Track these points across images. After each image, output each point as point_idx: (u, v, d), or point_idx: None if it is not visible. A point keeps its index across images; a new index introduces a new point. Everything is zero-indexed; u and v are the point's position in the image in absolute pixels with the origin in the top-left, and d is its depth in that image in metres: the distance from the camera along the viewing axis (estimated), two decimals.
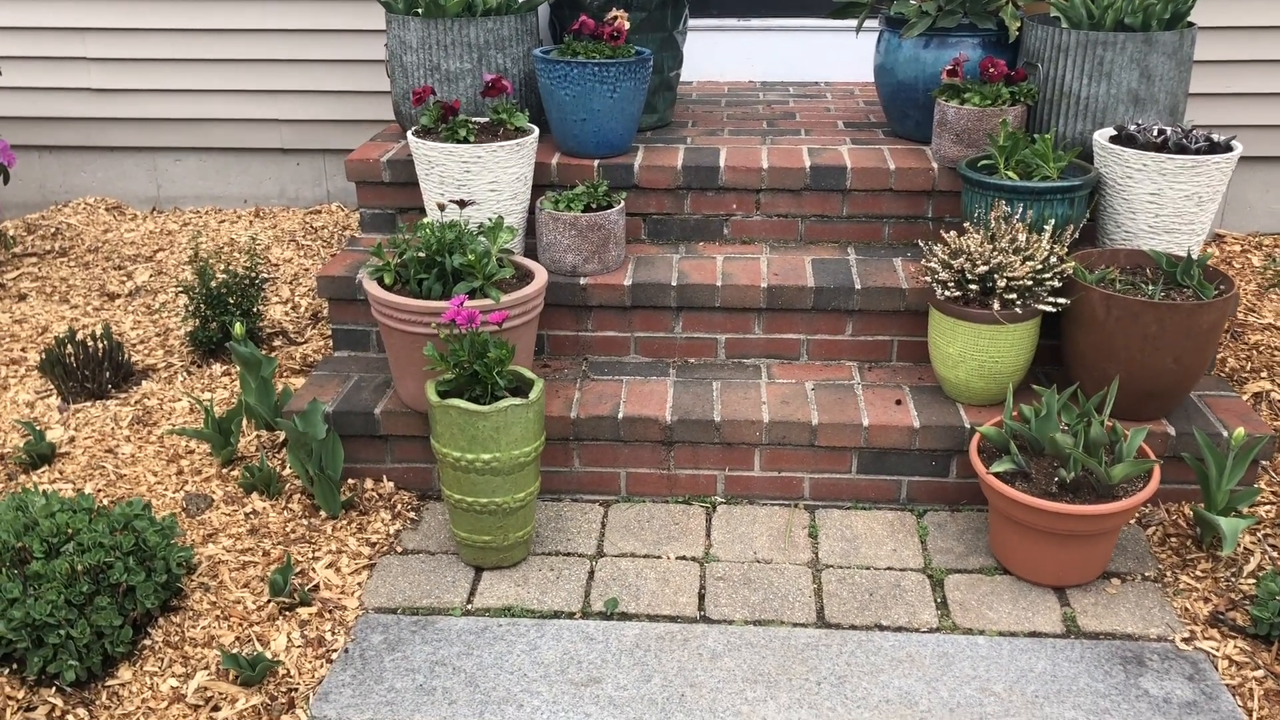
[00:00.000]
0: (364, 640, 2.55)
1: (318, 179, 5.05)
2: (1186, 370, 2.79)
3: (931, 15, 3.52)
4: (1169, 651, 2.47)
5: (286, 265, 4.40)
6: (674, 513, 3.01)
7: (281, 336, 3.83)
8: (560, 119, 3.50)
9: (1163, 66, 3.18)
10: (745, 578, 2.74)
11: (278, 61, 4.80)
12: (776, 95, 4.57)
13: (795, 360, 3.29)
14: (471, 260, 2.82)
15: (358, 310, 3.33)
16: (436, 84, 3.56)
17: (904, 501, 3.03)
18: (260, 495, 3.01)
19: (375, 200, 3.62)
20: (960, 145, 3.36)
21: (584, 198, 3.27)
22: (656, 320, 3.27)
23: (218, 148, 5.01)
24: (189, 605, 2.60)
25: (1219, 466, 2.67)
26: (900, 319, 3.21)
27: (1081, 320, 2.85)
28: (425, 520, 2.98)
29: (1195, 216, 3.03)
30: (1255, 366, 3.52)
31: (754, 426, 2.97)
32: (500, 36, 3.56)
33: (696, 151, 3.59)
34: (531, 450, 2.66)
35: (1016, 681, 2.40)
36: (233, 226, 4.85)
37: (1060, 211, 3.02)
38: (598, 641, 2.53)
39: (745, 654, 2.49)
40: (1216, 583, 2.66)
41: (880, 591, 2.69)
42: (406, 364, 2.92)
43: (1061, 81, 3.28)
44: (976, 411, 2.98)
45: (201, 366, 3.68)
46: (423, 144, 3.17)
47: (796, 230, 3.53)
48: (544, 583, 2.73)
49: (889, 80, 3.69)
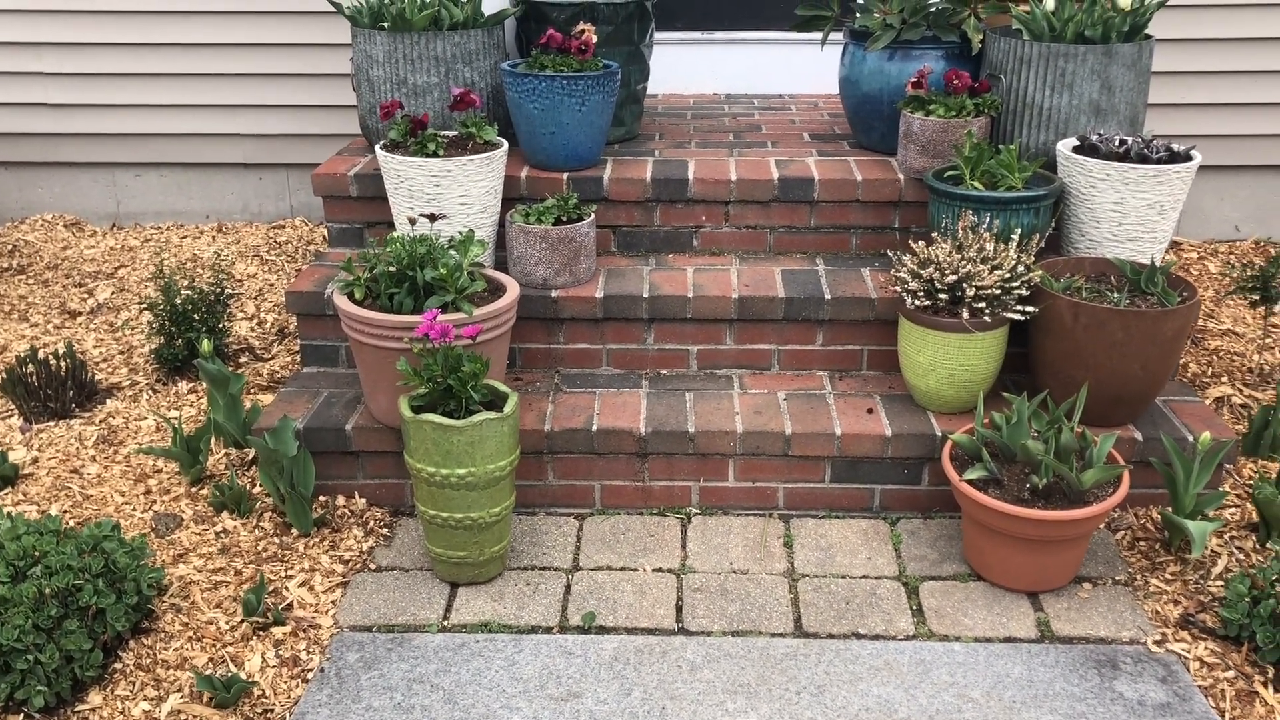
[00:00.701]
0: (340, 659, 2.52)
1: (281, 194, 5.01)
2: (1153, 376, 2.84)
3: (896, 28, 3.56)
4: (1142, 654, 2.51)
5: (251, 281, 4.36)
6: (649, 525, 3.01)
7: (248, 353, 3.79)
8: (529, 132, 3.50)
9: (1123, 78, 3.23)
10: (722, 589, 2.74)
11: (239, 76, 4.76)
12: (742, 108, 4.60)
13: (767, 370, 3.30)
14: (443, 274, 2.81)
15: (327, 325, 3.30)
16: (404, 98, 3.55)
17: (877, 510, 3.05)
18: (231, 514, 2.97)
19: (343, 215, 3.59)
20: (926, 156, 3.39)
21: (554, 210, 3.27)
22: (628, 332, 3.28)
23: (179, 163, 4.95)
24: (161, 627, 2.56)
25: (1186, 471, 2.72)
26: (870, 328, 3.24)
27: (1049, 328, 2.88)
28: (399, 536, 2.96)
29: (1157, 225, 3.08)
30: (1216, 371, 3.59)
31: (728, 437, 2.98)
32: (467, 50, 3.55)
33: (665, 164, 3.60)
34: (507, 464, 2.65)
35: (994, 687, 2.42)
36: (195, 242, 4.80)
37: (1026, 221, 3.06)
38: (576, 656, 2.52)
39: (724, 665, 2.49)
40: (1186, 585, 2.70)
41: (856, 600, 2.70)
42: (378, 379, 2.89)
43: (1024, 93, 3.32)
44: (947, 419, 3.01)
45: (167, 384, 3.63)
46: (392, 158, 3.15)
47: (765, 241, 3.55)
48: (520, 597, 2.72)
49: (854, 92, 3.73)
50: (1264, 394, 3.44)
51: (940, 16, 3.56)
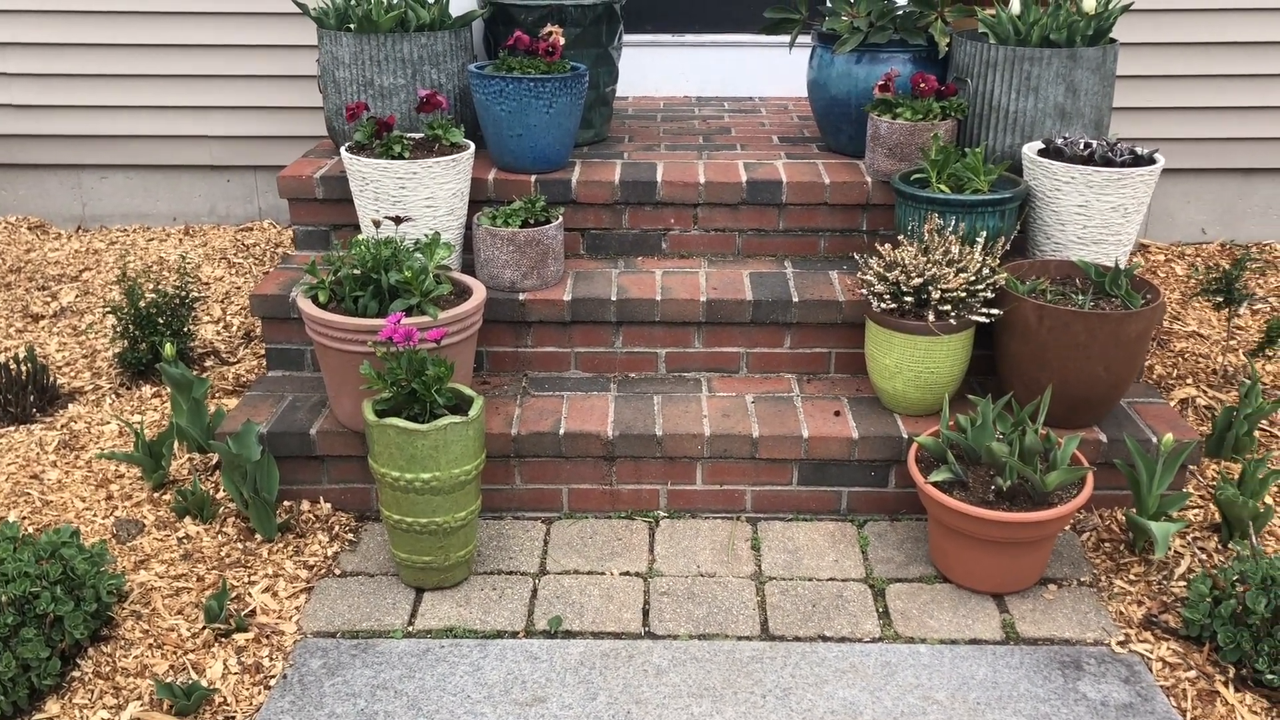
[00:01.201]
0: (303, 665, 2.50)
1: (249, 195, 4.97)
2: (1117, 378, 2.85)
3: (863, 31, 3.57)
4: (1105, 655, 2.52)
5: (218, 284, 4.32)
6: (617, 528, 3.00)
7: (214, 356, 3.76)
8: (496, 134, 3.49)
9: (1087, 81, 3.25)
10: (689, 592, 2.74)
11: (207, 77, 4.72)
12: (712, 110, 4.60)
13: (735, 373, 3.30)
14: (408, 277, 2.79)
15: (292, 329, 3.28)
16: (370, 100, 3.53)
17: (844, 512, 3.05)
18: (194, 519, 2.94)
19: (308, 217, 3.57)
20: (893, 159, 3.40)
21: (521, 213, 3.26)
22: (596, 335, 3.27)
23: (145, 165, 4.90)
24: (120, 634, 2.53)
25: (1149, 472, 2.73)
26: (837, 331, 3.24)
27: (1014, 330, 2.90)
28: (364, 541, 2.94)
29: (1121, 227, 3.10)
30: (1181, 373, 3.61)
31: (695, 440, 2.97)
32: (434, 52, 3.53)
33: (634, 166, 3.60)
34: (472, 468, 2.63)
35: (958, 689, 2.42)
36: (162, 245, 4.75)
37: (991, 224, 3.07)
38: (542, 660, 2.51)
39: (691, 669, 2.48)
40: (1149, 586, 2.71)
41: (823, 602, 2.70)
42: (342, 383, 2.87)
43: (990, 96, 3.34)
44: (914, 421, 3.01)
45: (131, 388, 3.59)
46: (357, 160, 3.13)
47: (734, 244, 3.55)
48: (487, 602, 2.70)
49: (822, 95, 3.73)
50: (1228, 395, 3.47)
51: (907, 20, 3.57)
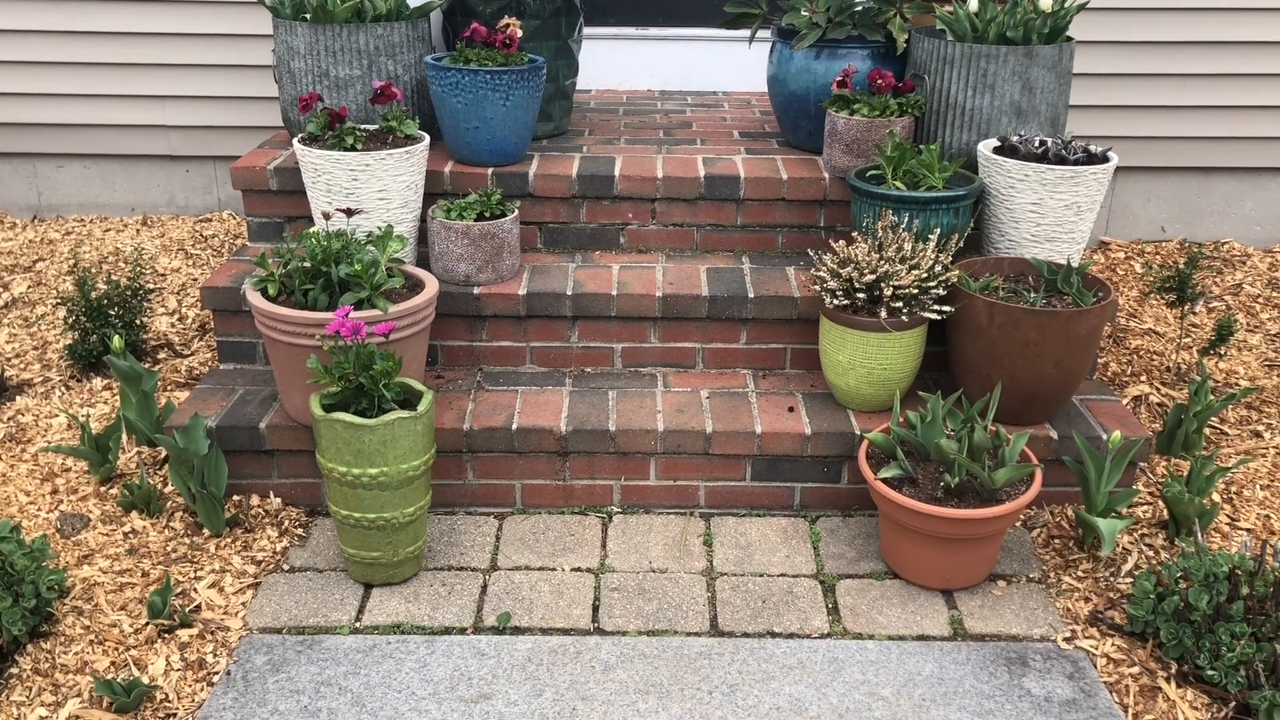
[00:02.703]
0: (247, 662, 2.47)
1: (208, 186, 4.92)
2: (1067, 375, 2.87)
3: (821, 27, 3.57)
4: (1051, 651, 2.53)
5: (175, 275, 4.28)
6: (570, 524, 2.99)
7: (167, 349, 3.72)
8: (453, 127, 3.46)
9: (1043, 79, 3.26)
10: (640, 588, 2.73)
11: (165, 66, 4.66)
12: (674, 104, 4.58)
13: (691, 369, 3.29)
14: (358, 270, 2.77)
15: (244, 322, 3.24)
16: (325, 90, 3.49)
17: (797, 508, 3.05)
18: (140, 514, 2.91)
19: (263, 209, 3.53)
20: (850, 155, 3.40)
21: (477, 206, 3.24)
22: (552, 330, 3.25)
23: (102, 154, 4.84)
24: (61, 630, 2.50)
25: (1098, 469, 2.74)
26: (793, 327, 3.24)
27: (966, 327, 2.90)
28: (314, 536, 2.91)
29: (1075, 225, 3.11)
30: (1136, 370, 3.64)
31: (649, 435, 2.96)
32: (391, 43, 3.50)
33: (592, 160, 3.58)
34: (420, 464, 2.61)
35: (904, 685, 2.43)
36: (119, 235, 4.70)
37: (946, 221, 3.08)
38: (489, 657, 2.50)
39: (638, 665, 2.48)
40: (1097, 583, 2.73)
41: (773, 598, 2.70)
42: (292, 377, 2.85)
43: (947, 93, 3.34)
44: (866, 418, 3.02)
45: (81, 381, 3.54)
46: (309, 151, 3.10)
47: (692, 239, 3.54)
48: (435, 598, 2.69)
49: (782, 91, 3.73)
50: (1180, 392, 3.49)
51: (866, 16, 3.57)
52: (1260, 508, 2.98)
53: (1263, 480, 3.10)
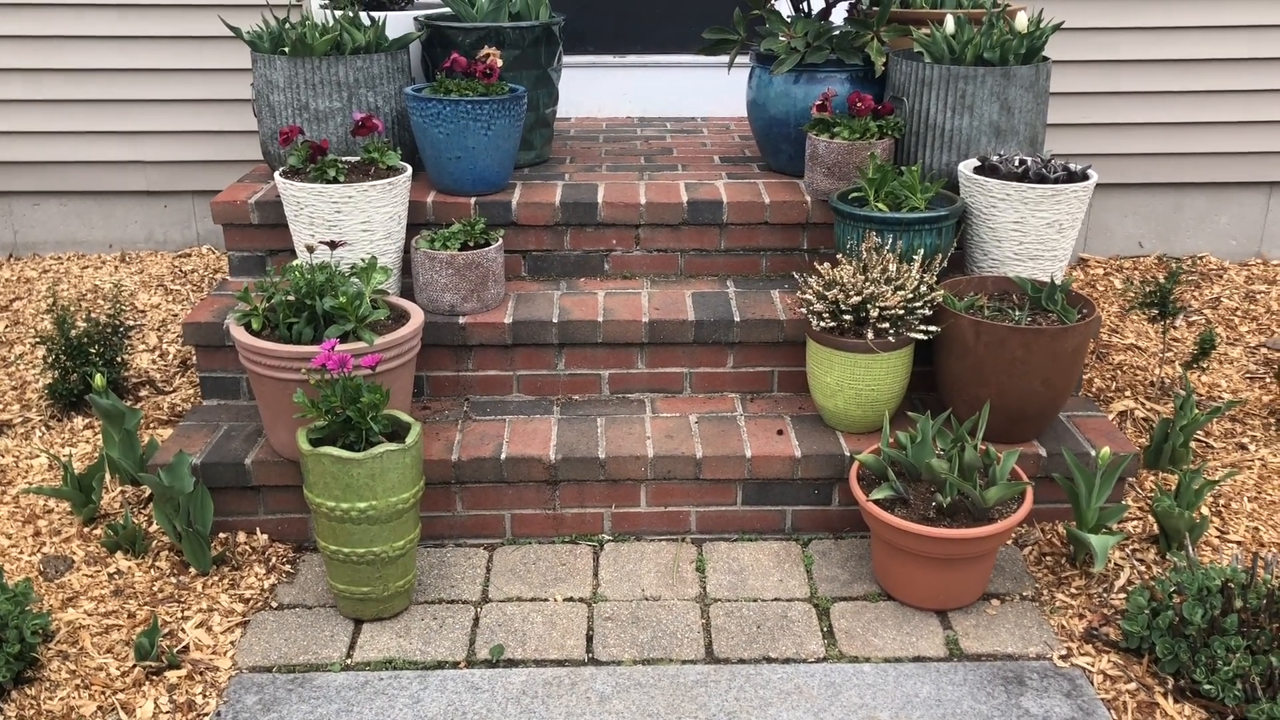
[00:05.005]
0: (237, 702, 2.43)
1: (187, 221, 4.89)
2: (1054, 392, 2.87)
3: (800, 51, 3.59)
4: (1048, 669, 2.52)
5: (154, 311, 4.24)
6: (561, 553, 2.97)
7: (149, 386, 3.68)
8: (435, 157, 3.46)
9: (1021, 99, 3.29)
10: (634, 616, 2.71)
11: (141, 102, 4.64)
12: (654, 131, 4.60)
13: (679, 394, 3.29)
14: (343, 302, 2.75)
15: (226, 357, 3.22)
16: (305, 123, 3.48)
17: (789, 531, 3.04)
18: (125, 554, 2.86)
19: (244, 243, 3.51)
20: (832, 178, 3.42)
21: (461, 235, 3.23)
22: (539, 358, 3.24)
23: (79, 191, 4.81)
24: (46, 675, 2.45)
25: (1088, 485, 2.75)
26: (779, 350, 3.24)
27: (952, 347, 2.91)
28: (302, 573, 2.88)
29: (1057, 243, 3.13)
30: (1120, 386, 3.65)
31: (639, 462, 2.95)
32: (370, 75, 3.50)
33: (575, 188, 3.58)
34: (410, 496, 2.59)
35: (902, 708, 2.41)
36: (97, 272, 4.66)
37: (929, 241, 3.09)
38: (483, 691, 2.47)
39: (634, 695, 2.45)
40: (1090, 599, 2.73)
41: (768, 623, 2.68)
42: (277, 411, 2.82)
43: (927, 115, 3.37)
44: (855, 439, 3.01)
45: (62, 420, 3.50)
46: (291, 184, 3.09)
47: (676, 264, 3.54)
48: (427, 632, 2.66)
49: (761, 115, 3.74)
50: (1165, 407, 3.51)
51: (843, 40, 3.60)
52: (1249, 520, 2.99)
53: (1250, 492, 3.12)
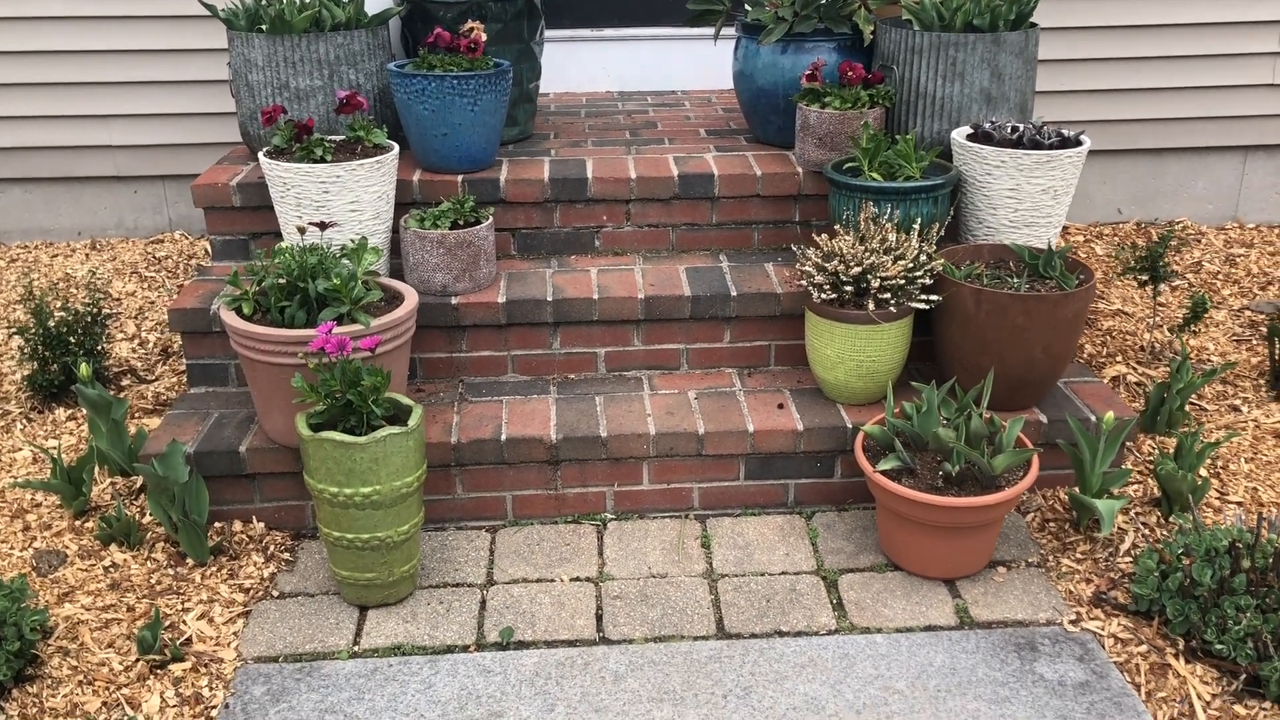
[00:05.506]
0: (245, 693, 2.39)
1: (158, 206, 4.79)
2: (1055, 358, 2.88)
3: (788, 21, 3.55)
4: (1059, 635, 2.53)
5: (130, 299, 4.15)
6: (564, 533, 2.94)
7: (130, 375, 3.60)
8: (420, 135, 3.39)
9: (1011, 65, 3.27)
10: (642, 594, 2.69)
11: (108, 84, 4.52)
12: (635, 105, 4.55)
13: (676, 370, 3.26)
14: (337, 285, 2.69)
15: (214, 343, 3.15)
16: (286, 103, 3.40)
17: (792, 504, 3.03)
18: (120, 546, 2.80)
19: (226, 226, 3.43)
20: (823, 149, 3.39)
21: (451, 214, 3.17)
22: (534, 337, 3.20)
23: (45, 177, 4.69)
24: (47, 673, 2.40)
25: (1092, 451, 2.76)
26: (777, 323, 3.22)
27: (953, 316, 2.90)
28: (301, 560, 2.83)
29: (1051, 210, 3.13)
30: (1110, 351, 3.67)
31: (641, 439, 2.92)
32: (351, 52, 3.42)
33: (562, 163, 3.53)
34: (414, 480, 2.55)
35: (918, 677, 2.41)
36: (67, 261, 4.55)
37: (925, 210, 3.07)
38: (495, 674, 2.44)
39: (649, 673, 2.44)
40: (1096, 563, 2.74)
41: (777, 597, 2.67)
42: (272, 397, 2.76)
43: (917, 83, 3.34)
44: (857, 411, 3.00)
45: (43, 412, 3.42)
46: (277, 165, 3.02)
47: (668, 239, 3.50)
48: (434, 617, 2.62)
49: (749, 86, 3.71)
50: (1156, 371, 3.53)
51: (831, 8, 3.57)
52: (1247, 480, 3.02)
53: (1246, 454, 3.14)
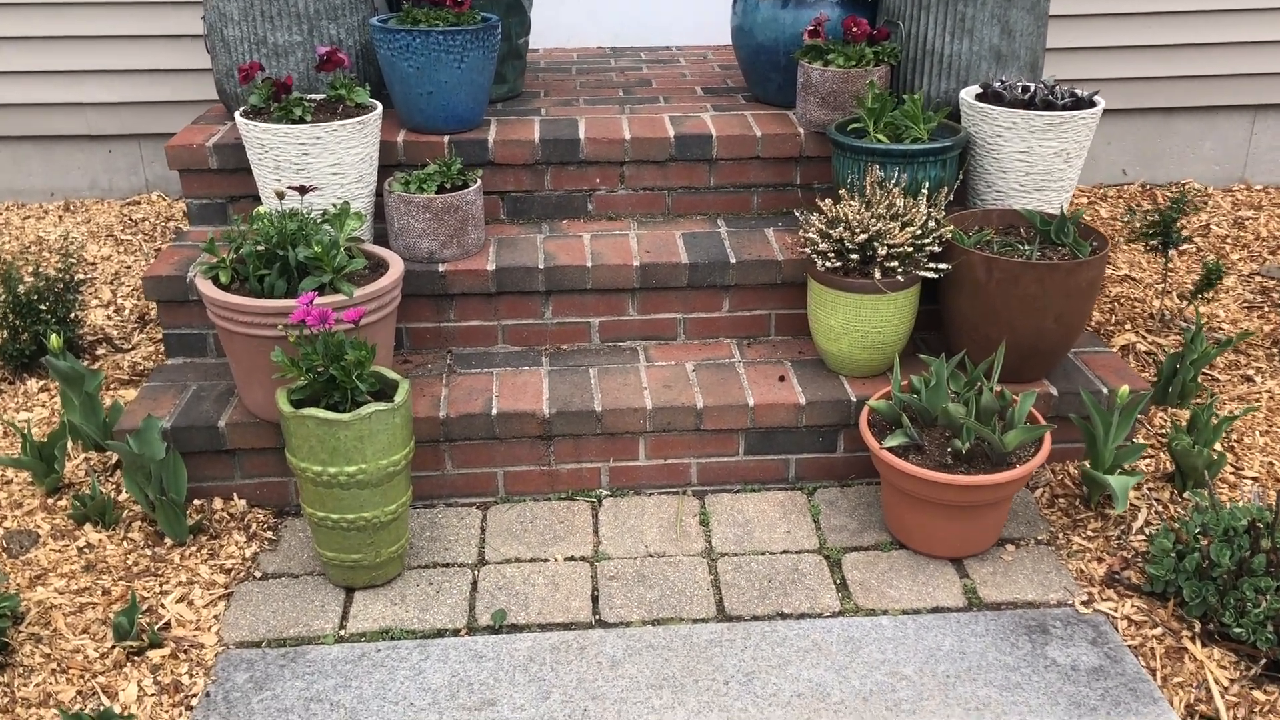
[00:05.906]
0: (227, 680, 2.29)
1: (134, 167, 4.62)
2: (1067, 329, 2.77)
3: None
4: (1070, 616, 2.45)
5: (105, 264, 4.00)
6: (558, 510, 2.83)
7: (106, 344, 3.47)
8: (404, 93, 3.24)
9: (1022, 21, 3.14)
10: (639, 575, 2.59)
11: (81, 39, 4.34)
12: (628, 61, 4.39)
13: (673, 341, 3.14)
14: (318, 252, 2.56)
15: (191, 312, 3.02)
16: (264, 59, 3.25)
17: (793, 480, 2.93)
18: (95, 526, 2.69)
19: (202, 189, 3.29)
20: (826, 109, 3.26)
21: (437, 177, 3.04)
22: (525, 306, 3.07)
23: (13, 136, 4.52)
24: (19, 661, 2.29)
25: (1105, 425, 2.66)
26: (777, 292, 3.10)
27: (962, 285, 2.79)
28: (285, 539, 2.72)
29: (1064, 173, 3.01)
30: (1119, 319, 3.57)
31: (637, 414, 2.81)
32: (331, 5, 3.27)
33: (553, 123, 3.39)
34: (401, 458, 2.44)
35: (926, 662, 2.32)
36: (39, 223, 4.40)
37: (934, 174, 2.95)
38: (488, 659, 2.34)
39: (647, 658, 2.34)
40: (1108, 542, 2.65)
41: (779, 577, 2.58)
42: (251, 370, 2.64)
43: (924, 40, 3.21)
44: (860, 384, 2.90)
45: (14, 384, 3.29)
46: (254, 126, 2.87)
47: (664, 203, 3.37)
48: (423, 599, 2.52)
49: (748, 43, 3.56)
50: (1166, 340, 3.43)
51: None
52: (1263, 455, 2.93)
53: (1261, 427, 3.05)
